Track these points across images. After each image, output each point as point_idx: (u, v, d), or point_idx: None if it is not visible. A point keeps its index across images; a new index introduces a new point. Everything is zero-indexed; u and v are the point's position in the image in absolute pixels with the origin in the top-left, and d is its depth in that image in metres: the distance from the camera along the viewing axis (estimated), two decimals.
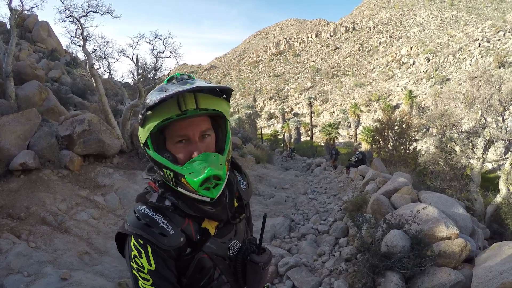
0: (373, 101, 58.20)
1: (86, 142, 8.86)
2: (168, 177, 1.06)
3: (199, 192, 1.03)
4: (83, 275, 5.08)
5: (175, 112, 1.00)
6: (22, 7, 10.28)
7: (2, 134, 7.77)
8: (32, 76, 11.52)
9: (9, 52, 9.48)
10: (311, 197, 11.05)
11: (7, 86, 9.23)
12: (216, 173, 1.01)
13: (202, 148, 1.06)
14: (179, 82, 1.03)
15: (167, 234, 1.02)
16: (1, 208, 6.42)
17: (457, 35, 68.62)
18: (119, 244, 1.12)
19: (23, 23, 22.20)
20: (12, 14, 9.78)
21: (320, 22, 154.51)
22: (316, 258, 5.83)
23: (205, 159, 1.03)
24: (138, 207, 1.08)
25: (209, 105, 1.04)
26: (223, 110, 1.10)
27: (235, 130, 27.01)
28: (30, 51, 19.66)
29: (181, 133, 1.05)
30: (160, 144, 1.07)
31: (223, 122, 1.15)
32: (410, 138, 18.97)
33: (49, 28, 23.36)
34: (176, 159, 1.06)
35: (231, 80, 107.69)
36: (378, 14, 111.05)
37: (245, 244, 1.25)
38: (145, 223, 1.03)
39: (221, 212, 1.12)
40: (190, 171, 1.02)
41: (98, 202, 7.75)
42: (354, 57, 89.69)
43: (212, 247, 1.12)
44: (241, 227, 1.25)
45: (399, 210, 5.16)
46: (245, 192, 1.30)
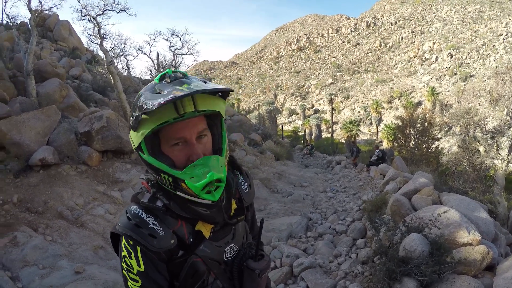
0: (395, 98, 57.16)
1: (104, 138, 8.96)
2: (166, 182, 1.01)
3: (201, 195, 0.99)
4: (97, 269, 5.14)
5: (172, 116, 0.94)
6: (41, 7, 10.52)
7: (22, 130, 7.96)
8: (53, 74, 11.78)
9: (29, 51, 9.71)
10: (330, 195, 10.87)
11: (28, 84, 9.46)
12: (218, 177, 0.98)
13: (200, 149, 1.02)
14: (174, 81, 0.97)
15: (157, 236, 0.99)
16: (20, 202, 6.57)
17: (480, 30, 66.44)
18: (114, 243, 1.10)
19: (44, 23, 22.87)
20: (31, 14, 10.02)
21: (341, 17, 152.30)
22: (332, 259, 5.69)
23: (206, 163, 0.99)
24: (131, 207, 1.05)
25: (207, 106, 0.99)
26: (220, 109, 1.05)
27: (255, 126, 26.94)
28: (52, 49, 20.19)
29: (177, 135, 1.00)
30: (155, 147, 1.02)
31: (218, 120, 1.10)
32: (433, 137, 18.42)
33: (70, 27, 23.95)
34: (173, 163, 1.01)
35: (252, 76, 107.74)
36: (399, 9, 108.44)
37: (243, 248, 1.18)
38: (135, 224, 1.00)
39: (216, 215, 1.07)
40: (191, 175, 0.97)
41: (115, 197, 7.83)
42: (376, 53, 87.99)
43: (206, 251, 1.06)
44: (239, 230, 1.19)
45: (419, 213, 4.96)
46: (246, 193, 1.24)
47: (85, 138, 9.05)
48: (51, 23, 23.44)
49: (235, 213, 1.16)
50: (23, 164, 7.57)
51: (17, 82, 10.69)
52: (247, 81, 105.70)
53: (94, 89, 15.49)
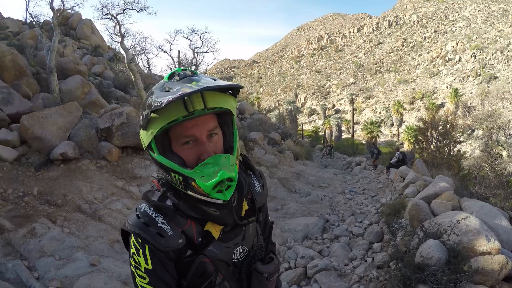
0: (417, 99, 56.06)
1: (124, 134, 9.09)
2: (176, 181, 1.01)
3: (212, 195, 0.98)
4: (112, 263, 5.22)
5: (181, 114, 0.93)
6: (63, 7, 10.79)
7: (44, 125, 8.18)
8: (75, 71, 12.08)
9: (52, 49, 9.99)
10: (348, 197, 10.75)
11: (50, 80, 9.73)
12: (229, 176, 0.97)
13: (211, 148, 1.01)
14: (183, 79, 0.96)
15: (165, 235, 0.99)
16: (40, 195, 6.75)
17: (505, 30, 64.31)
18: (125, 239, 1.10)
19: (67, 21, 23.55)
20: (54, 13, 10.30)
21: (362, 16, 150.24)
22: (347, 262, 5.61)
23: (217, 162, 0.98)
24: (141, 205, 1.06)
25: (217, 103, 0.98)
26: (231, 107, 1.03)
27: (275, 125, 26.86)
28: (75, 47, 20.77)
29: (187, 133, 0.99)
30: (165, 146, 1.01)
31: (229, 118, 1.09)
32: (455, 140, 17.89)
33: (92, 26, 24.59)
34: (183, 162, 1.00)
35: (273, 75, 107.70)
36: (422, 8, 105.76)
37: (253, 250, 1.16)
38: (144, 222, 1.00)
39: (226, 216, 1.06)
40: (201, 174, 0.96)
41: (133, 192, 7.93)
42: (398, 52, 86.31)
43: (214, 251, 1.06)
44: (250, 232, 1.17)
45: (438, 218, 4.81)
46: (259, 194, 1.22)
47: (105, 134, 9.22)
48: (74, 22, 24.11)
49: (246, 214, 1.15)
50: (44, 158, 7.77)
51: (40, 78, 11.04)
52: (268, 80, 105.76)
53: (115, 86, 15.80)
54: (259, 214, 1.24)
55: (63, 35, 21.32)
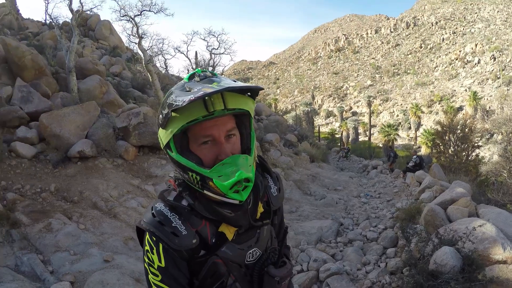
0: (435, 102, 54.98)
1: (141, 134, 9.21)
2: (193, 180, 1.01)
3: (228, 195, 0.98)
4: (125, 259, 5.29)
5: (202, 113, 0.94)
6: (82, 8, 11.03)
7: (63, 123, 8.37)
8: (94, 71, 12.32)
9: (71, 49, 10.24)
10: (364, 201, 10.64)
11: (69, 80, 9.96)
12: (246, 176, 0.97)
13: (228, 148, 1.01)
14: (203, 80, 0.98)
15: (179, 234, 1.00)
16: (57, 191, 6.91)
17: None
18: (140, 236, 1.12)
19: (86, 22, 24.07)
20: (73, 15, 10.55)
21: (380, 17, 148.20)
22: (360, 267, 5.53)
23: (235, 162, 0.98)
24: (156, 204, 1.07)
25: (236, 104, 0.98)
26: (249, 108, 1.04)
27: (292, 127, 26.76)
28: (93, 48, 21.22)
29: (206, 133, 1.00)
30: (183, 145, 1.02)
31: (247, 120, 1.09)
32: (473, 144, 17.42)
33: (111, 27, 25.08)
34: (201, 161, 1.01)
35: (290, 76, 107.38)
36: (440, 9, 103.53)
37: (266, 253, 1.16)
38: (159, 221, 1.01)
39: (241, 218, 1.06)
40: (219, 174, 0.97)
41: (149, 191, 8.02)
42: (416, 54, 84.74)
43: (227, 253, 1.06)
44: (264, 235, 1.16)
45: (453, 225, 4.71)
46: (275, 197, 1.22)
47: (123, 133, 9.36)
48: (93, 23, 24.64)
49: (261, 217, 1.15)
50: (62, 156, 7.95)
51: (59, 78, 11.30)
52: (285, 81, 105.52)
53: (133, 86, 16.04)
54: (274, 217, 1.24)
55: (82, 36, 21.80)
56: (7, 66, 10.27)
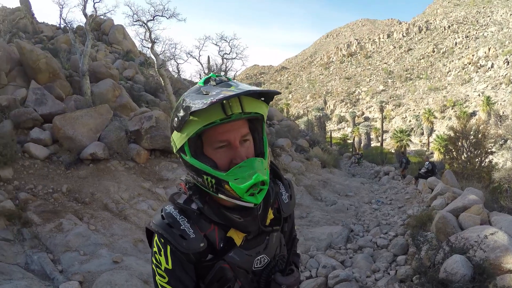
0: (448, 107, 54.21)
1: (153, 137, 9.28)
2: (208, 184, 1.00)
3: (244, 198, 0.97)
4: (134, 261, 5.33)
5: (219, 117, 0.94)
6: (96, 13, 11.23)
7: (76, 126, 8.51)
8: (107, 75, 12.50)
9: (84, 53, 10.42)
10: (375, 207, 10.54)
11: (83, 83, 10.12)
12: (263, 179, 0.97)
13: (243, 153, 1.01)
14: (221, 84, 0.98)
15: (187, 237, 1.00)
16: (69, 192, 7.02)
17: None
18: (149, 238, 1.13)
19: (99, 27, 24.47)
20: (86, 19, 10.76)
21: (392, 22, 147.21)
22: (370, 274, 5.47)
23: (251, 165, 0.98)
24: (166, 206, 1.08)
25: (253, 108, 0.99)
26: (264, 113, 1.05)
27: (303, 132, 26.69)
28: (107, 52, 21.54)
29: (222, 138, 0.99)
30: (197, 149, 1.02)
31: (260, 124, 1.09)
32: (486, 150, 17.07)
33: (124, 31, 25.46)
34: (215, 165, 1.00)
35: (302, 81, 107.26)
36: (452, 12, 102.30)
37: (274, 260, 1.15)
38: (168, 223, 1.02)
39: (250, 223, 1.06)
40: (235, 177, 0.96)
41: (159, 194, 8.08)
42: (428, 59, 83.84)
43: (235, 258, 1.06)
44: (273, 241, 1.16)
45: (465, 232, 4.62)
46: (286, 204, 1.21)
47: (135, 136, 9.45)
48: (106, 27, 25.07)
49: (271, 223, 1.14)
50: (74, 157, 8.07)
51: (73, 81, 11.51)
52: (297, 86, 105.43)
53: (146, 90, 16.21)
54: (284, 224, 1.23)
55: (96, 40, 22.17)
56: (22, 69, 10.49)
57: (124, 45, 24.85)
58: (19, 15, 21.47)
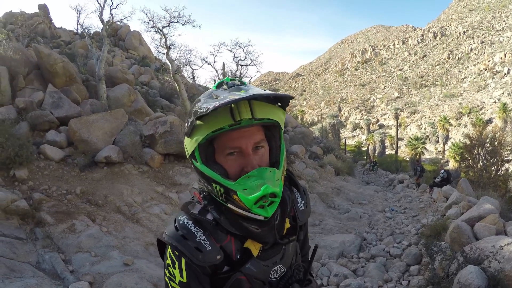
0: (463, 114, 53.16)
1: (167, 142, 9.38)
2: (217, 192, 0.97)
3: (253, 210, 0.93)
4: (145, 264, 5.36)
5: (227, 122, 0.90)
6: (112, 19, 11.46)
7: (91, 129, 8.67)
8: (122, 80, 12.72)
9: (101, 58, 10.63)
10: (388, 216, 10.41)
11: (99, 88, 10.31)
12: (273, 191, 0.91)
13: (256, 161, 0.96)
14: (231, 88, 0.94)
15: (203, 250, 0.95)
16: (82, 194, 7.13)
17: None
18: (160, 248, 1.09)
19: (116, 33, 24.96)
20: (103, 25, 10.97)
21: (407, 28, 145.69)
22: (382, 284, 5.39)
23: (261, 175, 0.93)
24: (180, 216, 1.03)
25: (265, 114, 0.94)
26: (279, 119, 0.99)
27: (317, 139, 26.55)
28: (123, 57, 21.95)
29: (233, 144, 0.95)
30: (208, 156, 0.98)
31: (277, 132, 1.04)
32: (502, 158, 16.63)
33: (140, 37, 25.91)
34: (226, 173, 0.97)
35: (316, 88, 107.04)
36: (467, 18, 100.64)
37: (290, 270, 1.11)
38: (182, 235, 0.98)
39: (267, 234, 1.02)
40: (244, 187, 0.92)
41: (172, 198, 8.14)
42: (444, 65, 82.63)
43: (252, 269, 1.01)
44: (290, 251, 1.12)
45: (480, 243, 4.51)
46: (301, 212, 1.17)
47: (149, 141, 9.56)
48: (123, 33, 25.56)
49: (287, 233, 1.10)
50: (89, 160, 8.22)
51: (89, 85, 11.77)
52: (311, 93, 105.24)
53: (161, 95, 16.42)
54: (300, 232, 1.18)
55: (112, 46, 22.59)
56: (39, 73, 10.77)
57: (140, 50, 25.28)
58: (37, 20, 22.08)
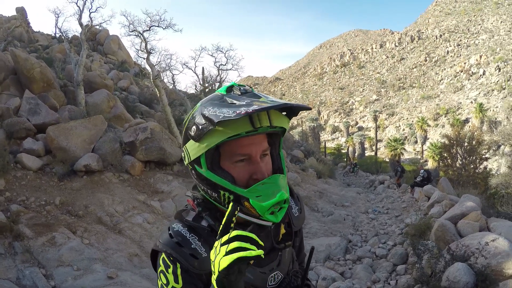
0: (441, 115, 54.86)
1: (147, 149, 9.22)
2: (224, 200, 0.95)
3: (265, 216, 0.91)
4: (129, 276, 5.21)
5: (246, 129, 0.88)
6: (91, 23, 11.25)
7: (69, 137, 8.41)
8: (101, 85, 12.47)
9: (79, 63, 10.39)
10: (372, 217, 10.55)
11: (77, 93, 10.07)
12: (287, 197, 0.93)
13: (263, 168, 0.96)
14: (247, 94, 0.92)
15: (198, 257, 0.93)
16: (62, 205, 6.89)
17: None
18: (154, 260, 1.05)
19: (95, 37, 24.54)
20: (82, 29, 10.76)
21: (385, 32, 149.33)
22: (370, 285, 5.46)
23: (276, 182, 0.93)
24: (174, 224, 1.01)
25: (280, 122, 0.95)
26: (287, 128, 1.01)
27: (298, 143, 26.78)
28: (101, 62, 21.58)
29: (243, 151, 0.93)
30: (214, 162, 0.95)
31: (277, 139, 1.04)
32: (481, 156, 17.21)
33: (119, 42, 25.54)
34: (233, 180, 0.94)
35: (296, 92, 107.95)
36: (444, 21, 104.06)
37: (288, 276, 1.09)
38: (177, 242, 0.96)
39: (264, 239, 0.97)
40: (257, 194, 0.90)
41: (155, 207, 7.98)
42: (421, 68, 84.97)
43: (248, 277, 0.99)
44: (286, 257, 1.10)
45: (465, 240, 4.60)
46: (296, 218, 1.16)
47: (129, 148, 9.37)
48: (102, 38, 25.13)
49: (283, 239, 1.09)
50: (68, 169, 7.96)
51: (67, 91, 11.45)
52: (291, 97, 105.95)
53: (140, 101, 16.19)
54: (295, 238, 1.18)
55: (91, 50, 22.17)
56: (16, 78, 10.43)
57: (119, 55, 24.91)
58: (14, 24, 21.50)
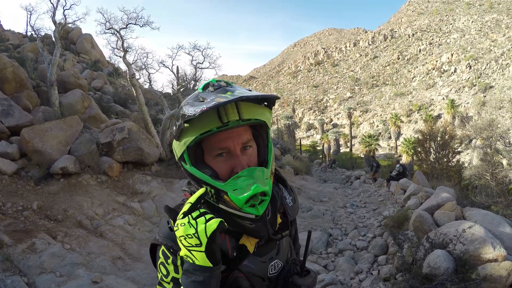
0: (414, 111, 56.63)
1: (125, 149, 9.08)
2: (208, 193, 0.97)
3: (244, 209, 0.94)
4: (114, 280, 5.12)
5: (215, 124, 0.91)
6: (65, 20, 10.94)
7: (45, 139, 8.15)
8: (75, 85, 12.15)
9: (53, 62, 10.07)
10: (350, 211, 10.74)
11: (51, 94, 9.77)
12: (263, 190, 0.93)
13: (244, 161, 0.98)
14: (217, 90, 0.95)
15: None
16: (40, 209, 6.68)
17: (498, 40, 65.67)
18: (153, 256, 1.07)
19: (67, 35, 23.80)
20: (56, 27, 10.44)
21: (358, 31, 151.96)
22: (353, 276, 5.57)
23: (251, 175, 0.94)
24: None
25: (252, 114, 0.96)
26: (266, 119, 1.01)
27: (274, 141, 26.94)
28: (74, 62, 21.01)
29: (221, 145, 0.96)
30: (198, 157, 0.99)
31: (264, 131, 1.06)
32: (453, 150, 17.97)
33: (92, 41, 24.89)
34: (216, 174, 0.97)
35: (270, 90, 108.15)
36: (416, 21, 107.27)
37: (287, 264, 1.13)
38: None
39: (262, 228, 1.02)
40: (234, 187, 0.93)
41: (135, 208, 7.88)
42: (394, 66, 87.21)
43: (250, 266, 1.01)
44: (284, 246, 1.14)
45: (442, 228, 4.82)
46: (291, 207, 1.18)
47: (107, 149, 9.20)
48: (74, 36, 24.42)
49: (280, 228, 1.11)
50: (44, 172, 7.73)
51: (40, 92, 11.07)
52: None
53: (115, 101, 15.88)
54: (291, 228, 1.20)
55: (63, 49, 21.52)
56: None
57: (92, 54, 24.28)
58: None
